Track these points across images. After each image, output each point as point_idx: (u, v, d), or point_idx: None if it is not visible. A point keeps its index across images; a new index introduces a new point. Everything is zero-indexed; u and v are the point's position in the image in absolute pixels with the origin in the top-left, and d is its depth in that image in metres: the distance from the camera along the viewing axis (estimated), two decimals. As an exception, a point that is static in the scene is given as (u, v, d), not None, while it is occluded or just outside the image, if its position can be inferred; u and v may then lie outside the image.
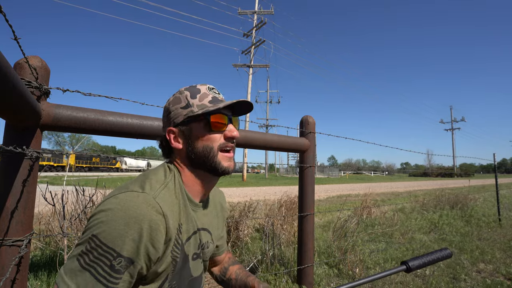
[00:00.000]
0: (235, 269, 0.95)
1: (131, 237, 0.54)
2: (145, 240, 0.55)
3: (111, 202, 0.57)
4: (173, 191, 0.67)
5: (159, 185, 0.64)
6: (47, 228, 2.93)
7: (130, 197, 0.57)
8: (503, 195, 9.17)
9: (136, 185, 0.61)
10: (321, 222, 4.96)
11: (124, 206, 0.55)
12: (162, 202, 0.60)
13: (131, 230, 0.54)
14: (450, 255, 0.87)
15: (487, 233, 4.15)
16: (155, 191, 0.61)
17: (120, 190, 0.60)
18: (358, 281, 0.68)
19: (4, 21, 0.62)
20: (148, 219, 0.56)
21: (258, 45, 24.78)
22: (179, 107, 0.71)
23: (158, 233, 0.57)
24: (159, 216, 0.58)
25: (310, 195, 2.17)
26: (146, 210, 0.56)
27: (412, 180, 32.33)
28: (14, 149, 0.95)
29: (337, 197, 9.86)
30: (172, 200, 0.65)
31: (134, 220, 0.54)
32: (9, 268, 0.94)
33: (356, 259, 2.74)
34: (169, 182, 0.67)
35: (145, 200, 0.57)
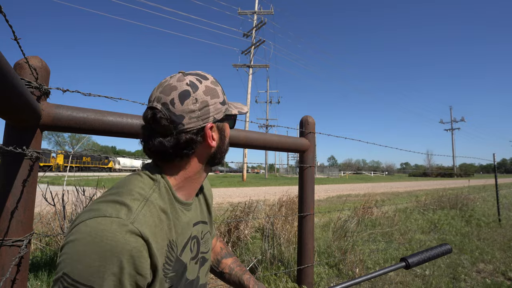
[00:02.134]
0: (229, 262, 0.92)
1: (111, 271, 0.46)
2: (127, 270, 0.48)
3: (80, 231, 0.48)
4: (157, 206, 0.57)
5: (138, 203, 0.54)
6: (48, 228, 2.93)
7: (103, 225, 0.48)
8: (503, 195, 9.17)
9: (109, 206, 0.52)
10: (321, 222, 4.96)
11: (97, 236, 0.47)
12: (144, 226, 0.51)
13: (109, 265, 0.46)
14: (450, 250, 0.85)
15: (487, 233, 4.15)
16: (134, 212, 0.52)
17: (90, 213, 0.51)
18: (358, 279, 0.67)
19: (4, 21, 0.62)
20: (128, 249, 0.48)
21: (258, 45, 24.79)
22: (218, 102, 0.65)
23: (142, 260, 0.50)
24: (140, 241, 0.50)
25: (310, 195, 2.17)
26: (123, 239, 0.48)
27: (412, 180, 32.33)
28: (14, 149, 0.95)
29: (337, 197, 9.87)
30: (155, 218, 0.56)
31: (110, 254, 0.46)
32: (9, 268, 0.94)
33: (356, 259, 2.74)
34: (151, 195, 0.58)
35: (120, 227, 0.48)
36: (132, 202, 0.54)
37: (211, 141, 0.66)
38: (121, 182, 0.60)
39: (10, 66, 0.63)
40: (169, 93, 0.60)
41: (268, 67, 26.01)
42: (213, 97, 0.64)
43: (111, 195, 0.55)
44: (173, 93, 0.60)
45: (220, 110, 0.66)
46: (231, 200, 7.50)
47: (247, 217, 3.39)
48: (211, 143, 0.66)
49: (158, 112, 0.60)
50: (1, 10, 0.55)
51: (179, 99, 0.60)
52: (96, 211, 0.51)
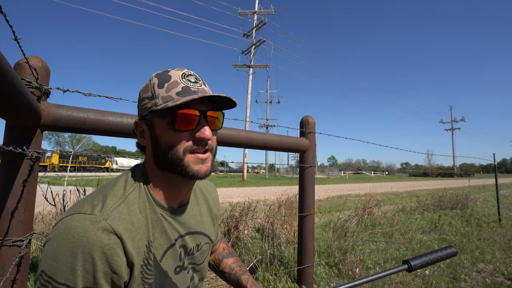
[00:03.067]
0: (229, 262, 0.91)
1: (83, 268, 0.46)
2: (101, 268, 0.48)
3: (57, 228, 0.49)
4: (136, 205, 0.57)
5: (114, 201, 0.54)
6: (48, 228, 2.93)
7: (76, 221, 0.48)
8: (503, 195, 9.17)
9: (87, 204, 0.52)
10: (321, 222, 4.96)
11: (70, 233, 0.47)
12: (117, 222, 0.51)
13: (80, 261, 0.46)
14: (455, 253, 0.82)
15: (487, 233, 4.15)
16: (107, 210, 0.52)
17: (70, 211, 0.52)
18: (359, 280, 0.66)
19: (4, 21, 0.62)
20: (100, 245, 0.47)
21: (258, 45, 24.80)
22: (146, 98, 0.61)
23: (116, 258, 0.49)
24: (113, 238, 0.49)
25: (310, 195, 2.17)
26: (94, 235, 0.48)
27: (412, 180, 32.32)
28: (15, 149, 0.95)
29: (337, 197, 9.87)
30: (132, 217, 0.55)
31: (82, 250, 0.46)
32: (10, 268, 0.94)
33: (356, 259, 2.74)
34: (130, 194, 0.57)
35: (92, 223, 0.48)
36: (110, 199, 0.54)
37: (141, 139, 0.66)
38: (109, 181, 0.61)
39: (10, 66, 0.63)
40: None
41: (268, 67, 26.02)
42: (143, 93, 0.63)
43: (93, 194, 0.57)
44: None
45: (145, 106, 0.62)
46: (231, 200, 7.51)
47: (247, 217, 3.39)
48: (142, 142, 0.65)
49: None
50: (1, 10, 0.55)
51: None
52: (74, 208, 0.52)
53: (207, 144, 0.61)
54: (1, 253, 0.97)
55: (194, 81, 0.61)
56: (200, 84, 0.62)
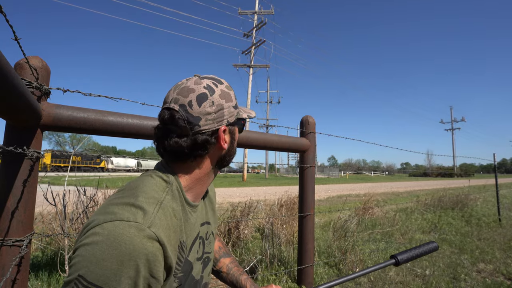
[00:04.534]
0: (227, 262, 0.93)
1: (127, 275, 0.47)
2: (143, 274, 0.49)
3: (97, 233, 0.49)
4: (170, 208, 0.58)
5: (153, 206, 0.54)
6: (48, 228, 2.93)
7: (121, 229, 0.48)
8: (503, 195, 9.17)
9: (125, 210, 0.52)
10: (321, 222, 4.96)
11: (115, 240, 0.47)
12: (160, 230, 0.52)
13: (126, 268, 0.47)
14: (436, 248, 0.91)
15: (487, 233, 4.15)
16: (150, 216, 0.52)
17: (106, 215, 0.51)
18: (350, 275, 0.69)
19: (4, 21, 0.62)
20: (145, 253, 0.48)
21: (258, 45, 24.80)
22: (231, 106, 0.68)
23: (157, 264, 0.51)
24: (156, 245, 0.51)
25: (310, 195, 2.17)
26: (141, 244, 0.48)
27: (412, 180, 32.33)
28: (15, 149, 0.95)
29: (337, 197, 9.87)
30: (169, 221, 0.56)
31: (128, 258, 0.47)
32: (10, 268, 0.94)
33: (356, 259, 2.74)
34: (165, 199, 0.58)
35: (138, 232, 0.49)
36: (148, 205, 0.54)
37: (224, 143, 0.67)
38: (133, 183, 0.60)
39: (11, 66, 0.63)
40: (187, 95, 0.62)
41: (268, 67, 26.02)
42: (228, 101, 0.67)
43: (126, 198, 0.55)
44: (191, 95, 0.62)
45: (232, 114, 0.68)
46: (231, 200, 7.51)
47: (247, 217, 3.39)
48: (223, 145, 0.67)
49: (176, 113, 0.61)
50: (1, 10, 0.55)
51: (196, 101, 0.61)
52: (112, 214, 0.51)
53: None
54: (1, 253, 0.97)
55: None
56: None
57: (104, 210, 0.53)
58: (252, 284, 0.87)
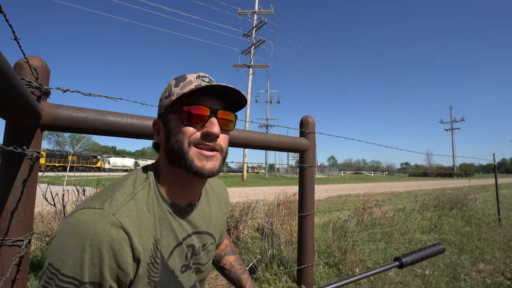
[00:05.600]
0: (230, 259, 0.92)
1: (90, 261, 0.47)
2: (107, 262, 0.48)
3: (67, 222, 0.50)
4: (144, 202, 0.57)
5: (124, 197, 0.55)
6: (48, 228, 2.93)
7: (85, 215, 0.49)
8: (503, 195, 9.17)
9: (97, 200, 0.53)
10: (321, 222, 4.96)
11: (79, 227, 0.48)
12: (126, 218, 0.52)
13: (88, 254, 0.47)
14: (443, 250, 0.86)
15: (487, 233, 4.15)
16: (116, 205, 0.52)
17: (79, 206, 0.53)
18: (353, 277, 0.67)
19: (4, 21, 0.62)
20: (108, 240, 0.48)
21: (258, 45, 24.79)
22: (164, 98, 0.65)
23: (122, 253, 0.50)
24: (121, 233, 0.50)
25: (310, 195, 2.17)
26: (103, 229, 0.48)
27: (412, 180, 32.33)
28: (14, 149, 0.95)
29: (337, 197, 9.87)
30: (140, 214, 0.56)
31: (90, 243, 0.47)
32: (10, 268, 0.94)
33: (356, 259, 2.74)
34: (139, 192, 0.58)
35: (102, 217, 0.49)
36: (119, 195, 0.55)
37: (156, 137, 0.68)
38: (119, 179, 0.62)
39: (10, 66, 0.63)
40: None
41: (268, 67, 26.01)
42: (163, 94, 0.67)
43: (104, 190, 0.57)
44: None
45: (161, 105, 0.66)
46: (231, 200, 7.51)
47: (247, 217, 3.39)
48: (157, 139, 0.68)
49: None
50: (1, 10, 0.55)
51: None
52: (84, 204, 0.53)
53: (214, 141, 0.61)
54: (1, 253, 0.97)
55: (208, 81, 0.63)
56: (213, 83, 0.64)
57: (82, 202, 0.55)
58: (252, 284, 0.87)
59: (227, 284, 2.30)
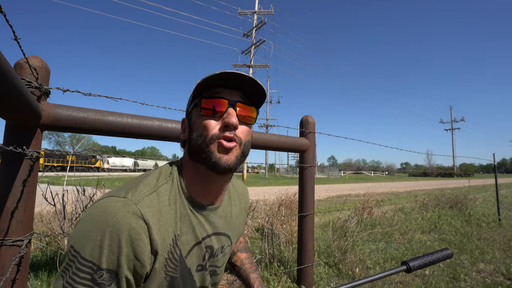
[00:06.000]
0: (242, 257, 0.92)
1: (109, 247, 0.48)
2: (125, 251, 0.49)
3: (92, 208, 0.52)
4: (166, 196, 0.58)
5: (147, 189, 0.56)
6: (48, 228, 2.93)
7: (109, 203, 0.51)
8: (503, 195, 9.18)
9: (122, 189, 0.55)
10: (321, 222, 4.96)
11: (102, 213, 0.50)
12: (146, 209, 0.53)
13: (107, 240, 0.48)
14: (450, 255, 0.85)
15: (487, 233, 4.15)
16: (139, 196, 0.54)
17: (105, 195, 0.55)
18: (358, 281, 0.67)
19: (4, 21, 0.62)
20: (127, 228, 0.49)
21: (258, 45, 24.79)
22: (190, 97, 0.66)
23: (140, 244, 0.50)
24: (140, 223, 0.51)
25: (310, 195, 2.17)
26: (124, 217, 0.49)
27: (412, 180, 32.34)
28: (14, 149, 0.95)
29: (337, 197, 9.87)
30: (161, 207, 0.56)
31: (110, 229, 0.48)
32: (9, 268, 0.94)
33: (356, 259, 2.74)
34: (162, 186, 0.59)
35: (124, 206, 0.50)
36: (142, 187, 0.57)
37: (182, 134, 0.69)
38: (145, 173, 0.64)
39: (10, 66, 0.63)
40: None
41: (268, 67, 26.03)
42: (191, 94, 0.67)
43: (130, 182, 0.59)
44: None
45: (189, 101, 0.67)
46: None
47: (246, 217, 3.39)
48: (183, 137, 0.68)
49: None
50: (1, 10, 0.55)
51: None
52: (109, 193, 0.55)
53: (233, 131, 0.60)
54: (1, 253, 0.97)
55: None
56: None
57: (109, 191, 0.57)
58: (260, 284, 0.86)
59: (227, 284, 2.30)
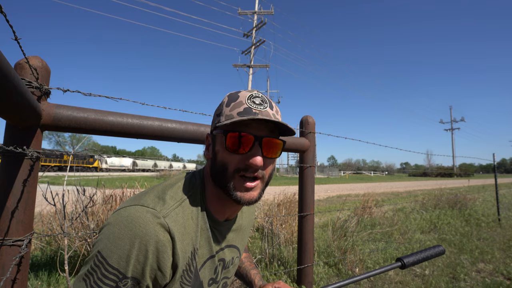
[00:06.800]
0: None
1: (136, 257, 0.49)
2: (151, 262, 0.50)
3: (119, 214, 0.52)
4: (189, 210, 0.59)
5: (174, 202, 0.57)
6: (48, 228, 2.93)
7: (139, 212, 0.52)
8: (502, 195, 9.18)
9: (150, 198, 0.55)
10: (321, 222, 4.96)
11: (131, 222, 0.50)
12: (173, 223, 0.54)
13: (136, 251, 0.49)
14: (443, 251, 0.89)
15: (486, 233, 4.15)
16: (167, 209, 0.55)
17: (133, 201, 0.55)
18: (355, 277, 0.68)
19: (4, 21, 0.62)
20: (155, 240, 0.50)
21: (258, 45, 24.78)
22: (216, 114, 0.64)
23: (165, 256, 0.52)
24: (167, 237, 0.52)
25: (310, 195, 2.17)
26: (153, 229, 0.50)
27: (412, 180, 32.34)
28: (15, 149, 0.95)
29: (337, 197, 9.87)
30: (185, 221, 0.57)
31: (139, 240, 0.49)
32: (10, 268, 0.94)
33: (356, 259, 2.74)
34: (187, 199, 0.60)
35: (153, 218, 0.51)
36: (170, 199, 0.57)
37: (205, 151, 0.68)
38: (171, 180, 0.64)
39: (11, 66, 0.63)
40: None
41: (268, 67, 26.00)
42: (217, 110, 0.65)
43: (157, 190, 0.59)
44: None
45: (214, 121, 0.65)
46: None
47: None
48: (206, 154, 0.67)
49: None
50: (2, 10, 0.55)
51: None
52: (137, 200, 0.55)
53: (257, 171, 0.59)
54: (1, 252, 0.97)
55: (258, 103, 0.59)
56: (265, 106, 0.60)
57: (135, 197, 0.57)
58: (260, 279, 0.88)
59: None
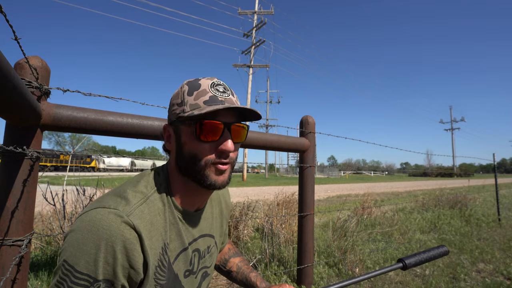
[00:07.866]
0: (236, 261, 0.92)
1: (105, 260, 0.48)
2: (121, 261, 0.50)
3: (81, 220, 0.51)
4: (156, 206, 0.59)
5: (137, 199, 0.56)
6: (48, 228, 2.93)
7: (100, 215, 0.50)
8: (502, 195, 9.18)
9: (111, 199, 0.54)
10: (321, 222, 4.96)
11: (94, 225, 0.49)
12: (138, 220, 0.53)
13: (102, 253, 0.48)
14: (446, 252, 0.85)
15: (486, 233, 4.15)
16: (131, 207, 0.54)
17: (94, 204, 0.54)
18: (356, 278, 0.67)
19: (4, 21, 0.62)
20: (121, 239, 0.50)
21: (258, 45, 24.78)
22: (176, 104, 0.62)
23: (135, 253, 0.51)
24: (134, 234, 0.52)
25: (310, 195, 2.17)
26: (117, 229, 0.50)
27: (412, 180, 32.33)
28: (15, 149, 0.95)
29: (337, 197, 9.87)
30: (152, 217, 0.57)
31: (105, 242, 0.48)
32: (10, 268, 0.94)
33: (356, 259, 2.74)
34: (152, 194, 0.59)
35: (116, 218, 0.51)
36: (133, 197, 0.56)
37: (167, 144, 0.66)
38: (133, 177, 0.64)
39: (11, 66, 0.63)
40: None
41: (268, 67, 26.00)
42: (174, 99, 0.64)
43: (118, 189, 0.58)
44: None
45: (173, 112, 0.62)
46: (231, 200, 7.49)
47: (246, 217, 3.39)
48: (168, 147, 0.66)
49: None
50: (1, 10, 0.55)
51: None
52: (98, 202, 0.54)
53: (228, 156, 0.61)
54: (1, 252, 0.97)
55: (222, 91, 0.61)
56: (228, 94, 0.62)
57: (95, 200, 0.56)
58: (262, 281, 0.85)
59: (227, 284, 2.30)
